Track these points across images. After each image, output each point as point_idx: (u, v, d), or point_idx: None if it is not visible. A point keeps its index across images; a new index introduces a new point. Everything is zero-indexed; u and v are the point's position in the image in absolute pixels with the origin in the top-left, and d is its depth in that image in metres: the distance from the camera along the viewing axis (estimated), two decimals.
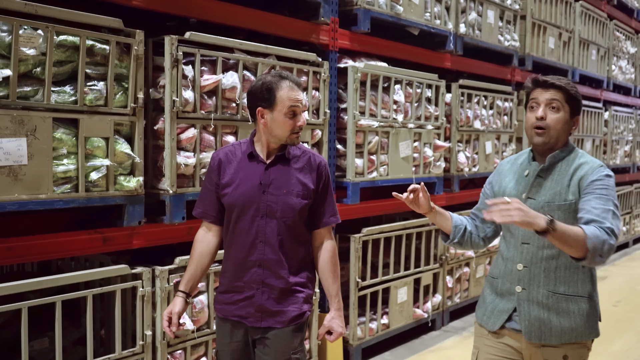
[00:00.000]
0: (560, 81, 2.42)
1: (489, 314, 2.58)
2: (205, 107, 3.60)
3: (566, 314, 2.43)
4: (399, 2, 5.06)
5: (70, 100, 3.03)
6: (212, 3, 3.77)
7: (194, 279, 2.71)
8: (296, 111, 2.57)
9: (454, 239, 2.63)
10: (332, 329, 2.70)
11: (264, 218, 2.59)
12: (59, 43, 2.95)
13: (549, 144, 2.43)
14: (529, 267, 2.46)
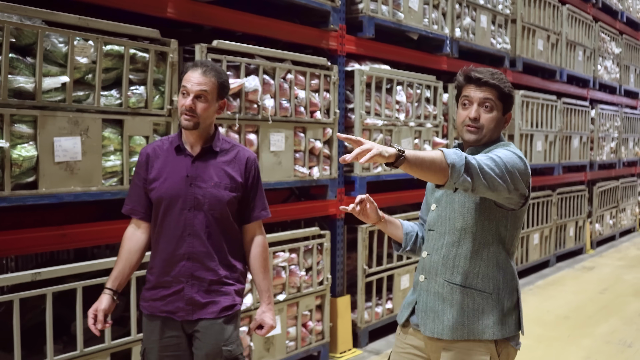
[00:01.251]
0: (493, 78, 2.29)
1: (401, 307, 2.52)
2: (230, 108, 3.98)
3: (459, 307, 2.30)
4: (400, 9, 5.45)
5: (116, 103, 3.39)
6: (234, 14, 4.14)
7: (121, 276, 2.66)
8: (185, 91, 2.55)
9: (406, 247, 2.56)
10: (263, 322, 2.69)
11: (191, 211, 2.58)
12: (106, 52, 3.31)
13: (481, 141, 2.34)
14: (431, 255, 2.39)
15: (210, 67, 2.61)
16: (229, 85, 2.68)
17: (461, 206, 2.33)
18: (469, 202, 2.31)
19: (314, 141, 4.64)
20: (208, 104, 2.57)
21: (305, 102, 4.53)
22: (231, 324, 2.64)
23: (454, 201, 2.34)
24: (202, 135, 2.62)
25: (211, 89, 2.57)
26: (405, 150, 1.94)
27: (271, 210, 4.43)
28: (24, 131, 3.02)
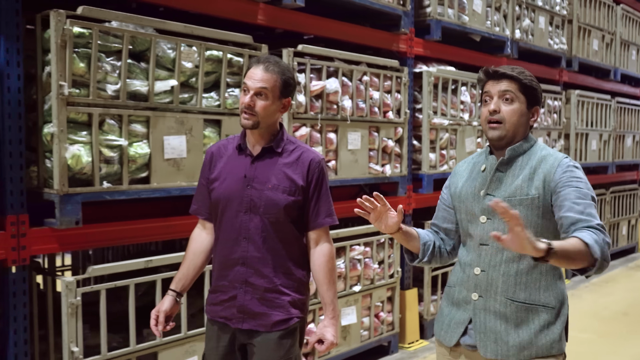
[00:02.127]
0: (512, 71, 2.21)
1: (445, 327, 2.33)
2: (313, 108, 4.22)
3: (525, 326, 2.18)
4: (465, 12, 5.63)
5: (215, 104, 3.65)
6: (315, 19, 4.38)
7: (185, 278, 2.59)
8: (246, 88, 2.43)
9: (423, 257, 2.38)
10: (323, 337, 2.47)
11: (247, 213, 2.45)
12: (207, 57, 3.58)
13: (506, 138, 2.21)
14: (487, 272, 2.22)
15: (274, 62, 2.45)
16: (294, 83, 2.51)
17: (523, 220, 2.06)
18: (531, 216, 2.17)
19: (387, 140, 4.85)
20: (269, 102, 2.40)
21: (379, 102, 4.74)
22: (287, 339, 2.46)
23: None
24: (263, 135, 2.48)
25: (272, 87, 2.41)
26: (552, 244, 1.85)
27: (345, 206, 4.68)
28: (139, 130, 3.30)
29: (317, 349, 2.50)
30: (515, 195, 2.18)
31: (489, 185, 2.25)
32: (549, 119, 7.09)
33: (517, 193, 2.18)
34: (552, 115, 7.15)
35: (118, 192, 3.22)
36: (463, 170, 2.40)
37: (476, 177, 2.30)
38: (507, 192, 2.20)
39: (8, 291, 2.94)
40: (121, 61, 3.19)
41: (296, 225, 2.50)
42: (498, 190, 2.22)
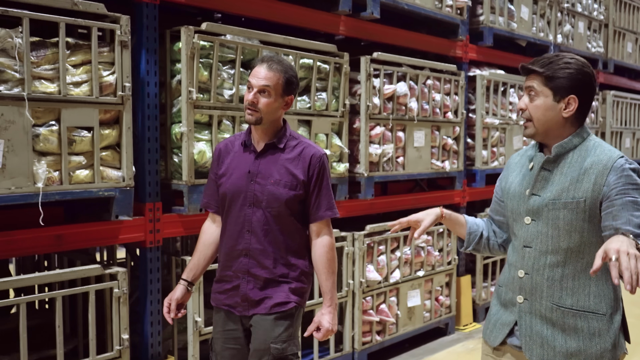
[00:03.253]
0: (537, 63, 2.12)
1: (491, 327, 2.30)
2: (386, 110, 4.67)
3: (573, 332, 2.09)
4: (514, 19, 6.06)
5: (306, 106, 4.12)
6: (386, 29, 4.83)
7: (196, 268, 2.71)
8: (250, 86, 2.53)
9: (468, 246, 2.39)
10: (320, 324, 2.59)
11: (251, 207, 2.55)
12: (300, 65, 4.04)
13: (537, 135, 2.14)
14: (531, 275, 2.15)
15: (277, 61, 2.55)
16: (296, 82, 2.60)
17: (567, 224, 2.08)
18: (576, 220, 2.07)
19: (446, 138, 5.30)
20: (271, 99, 2.50)
21: (440, 104, 5.19)
22: (283, 321, 2.56)
23: (559, 218, 2.09)
24: (267, 131, 2.58)
25: (275, 84, 2.50)
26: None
27: (404, 199, 5.12)
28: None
29: (314, 336, 2.61)
30: (560, 197, 2.08)
31: (534, 185, 2.15)
32: (588, 118, 7.49)
33: (562, 195, 2.07)
34: (590, 114, 7.55)
35: None
36: (515, 163, 2.32)
37: (525, 174, 2.22)
38: (553, 194, 2.10)
39: (146, 268, 3.42)
40: (234, 69, 3.67)
41: (298, 218, 2.60)
42: (544, 191, 2.12)
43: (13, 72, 2.78)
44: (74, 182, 3.01)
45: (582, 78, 2.07)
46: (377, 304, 4.71)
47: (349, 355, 4.50)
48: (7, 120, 2.74)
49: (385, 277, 4.74)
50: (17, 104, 2.77)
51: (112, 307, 3.18)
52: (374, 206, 4.72)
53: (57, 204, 3.27)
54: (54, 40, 2.95)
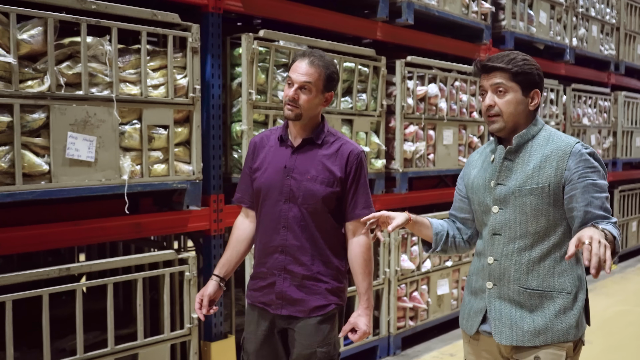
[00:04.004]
0: (500, 61, 2.17)
1: (466, 316, 2.36)
2: (418, 110, 5.00)
3: (540, 312, 2.18)
4: (533, 24, 6.38)
5: (348, 107, 4.44)
6: (418, 34, 5.16)
7: (229, 264, 2.67)
8: (290, 82, 2.49)
9: (437, 247, 2.39)
10: (356, 326, 2.52)
11: (286, 203, 2.51)
12: (343, 68, 4.37)
13: (506, 129, 2.20)
14: (499, 261, 2.22)
15: (318, 57, 2.51)
16: (337, 78, 2.56)
17: (534, 209, 2.17)
18: (542, 205, 2.17)
19: (472, 136, 5.62)
20: (312, 95, 2.47)
21: (466, 104, 5.52)
22: (326, 325, 2.52)
23: (526, 204, 2.18)
24: (305, 127, 2.54)
25: (316, 81, 2.47)
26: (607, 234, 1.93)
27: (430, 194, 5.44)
28: None
29: (350, 338, 2.54)
30: (526, 184, 2.17)
31: (499, 175, 2.23)
32: (600, 118, 7.82)
33: (527, 182, 2.17)
34: (602, 114, 7.88)
35: None
36: (475, 160, 2.40)
37: (487, 167, 2.29)
38: (518, 182, 2.18)
39: (210, 254, 3.75)
40: (287, 72, 3.99)
41: (334, 215, 2.55)
42: (508, 180, 2.21)
43: (103, 75, 3.10)
44: (153, 175, 3.33)
45: (540, 74, 2.22)
46: (410, 292, 5.03)
47: (385, 338, 4.82)
48: (99, 119, 3.07)
49: (417, 267, 5.05)
50: (107, 105, 3.10)
51: (184, 288, 3.50)
52: (407, 200, 5.04)
53: (130, 196, 3.60)
54: (135, 47, 3.27)
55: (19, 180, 2.81)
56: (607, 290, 6.97)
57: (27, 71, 2.86)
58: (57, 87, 2.92)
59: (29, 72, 2.87)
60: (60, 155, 2.94)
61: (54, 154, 2.92)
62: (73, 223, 3.12)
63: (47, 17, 2.87)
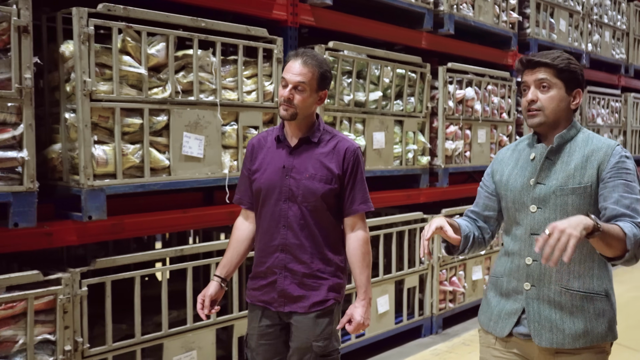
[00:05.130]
0: (546, 57, 2.17)
1: (495, 318, 2.31)
2: (457, 111, 5.51)
3: (580, 314, 2.17)
4: (554, 31, 6.90)
5: (399, 109, 4.94)
6: (456, 42, 5.67)
7: (229, 264, 2.71)
8: (285, 82, 2.50)
9: (464, 249, 2.35)
10: (352, 317, 2.58)
11: (286, 202, 2.54)
12: (396, 74, 4.86)
13: (546, 124, 2.19)
14: (540, 261, 2.15)
15: (311, 56, 2.52)
16: (330, 76, 2.59)
17: (576, 209, 2.15)
18: (584, 205, 2.15)
19: (502, 135, 6.14)
20: (306, 94, 2.49)
21: (497, 106, 6.03)
22: (324, 319, 2.57)
23: (567, 203, 2.16)
24: (301, 126, 2.57)
25: (310, 80, 2.49)
26: (599, 222, 1.91)
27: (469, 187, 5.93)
28: (359, 128, 4.60)
29: (347, 329, 2.60)
30: (567, 184, 2.16)
31: (539, 174, 2.21)
32: (612, 118, 8.35)
33: (569, 182, 2.16)
34: (613, 114, 8.41)
35: None
36: (508, 157, 2.37)
37: (525, 165, 2.27)
38: (559, 181, 2.17)
39: None
40: (351, 79, 4.49)
41: (333, 212, 2.59)
42: (548, 179, 2.19)
43: (209, 83, 3.59)
44: None
45: (582, 74, 2.22)
46: (450, 277, 5.54)
47: (428, 318, 5.33)
48: (207, 121, 3.55)
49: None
50: (212, 109, 3.58)
51: None
52: (447, 193, 5.55)
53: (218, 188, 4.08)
54: (231, 58, 3.76)
55: (147, 173, 3.30)
56: (620, 279, 7.49)
57: (153, 80, 3.34)
58: (175, 93, 3.40)
59: (154, 81, 3.35)
60: (177, 152, 3.43)
61: (172, 151, 3.41)
62: (182, 211, 3.61)
63: (168, 34, 3.36)
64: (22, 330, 2.84)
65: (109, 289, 3.21)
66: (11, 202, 2.79)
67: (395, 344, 5.04)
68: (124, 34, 3.18)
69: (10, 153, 2.79)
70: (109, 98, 3.12)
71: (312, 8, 4.28)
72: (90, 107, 3.05)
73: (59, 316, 2.96)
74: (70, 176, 3.13)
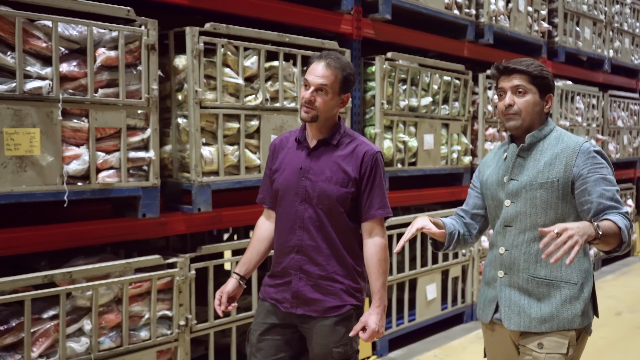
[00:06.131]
0: (521, 64, 2.32)
1: (482, 306, 2.47)
2: (495, 115, 5.95)
3: (547, 300, 2.29)
4: (580, 39, 7.35)
5: (446, 113, 5.39)
6: (492, 50, 6.11)
7: (249, 263, 2.72)
8: (307, 84, 2.51)
9: (449, 246, 2.47)
10: (367, 324, 2.51)
11: (302, 203, 2.54)
12: (443, 81, 5.31)
13: (522, 127, 2.32)
14: (510, 251, 2.34)
15: (335, 58, 2.52)
16: (353, 80, 2.58)
17: (544, 202, 2.30)
18: (552, 198, 2.29)
19: None
20: (328, 97, 2.49)
21: None
22: (342, 325, 2.55)
23: (536, 197, 2.30)
24: (321, 128, 2.57)
25: (332, 83, 2.49)
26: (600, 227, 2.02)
27: None
28: (412, 131, 5.04)
29: (360, 337, 2.54)
30: (537, 179, 2.29)
31: (511, 171, 2.36)
32: (631, 120, 8.79)
33: (538, 177, 2.29)
34: (632, 117, 8.85)
35: (400, 171, 4.95)
36: (490, 159, 2.53)
37: (500, 165, 2.42)
38: (529, 177, 2.31)
39: None
40: (405, 86, 4.94)
41: (350, 216, 2.56)
42: (520, 175, 2.34)
43: (291, 91, 4.04)
44: None
45: (553, 81, 2.39)
46: None
47: (469, 306, 5.77)
48: (289, 125, 4.00)
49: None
50: (293, 114, 4.03)
51: None
52: None
53: None
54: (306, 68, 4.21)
55: (243, 171, 3.75)
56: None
57: (247, 89, 3.79)
58: (265, 101, 3.85)
59: (248, 90, 3.80)
60: (266, 152, 3.88)
61: (262, 152, 3.86)
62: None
63: (260, 48, 3.81)
64: (147, 306, 3.30)
65: (212, 272, 3.66)
66: (140, 196, 3.24)
67: (441, 328, 5.49)
68: (225, 48, 3.63)
69: (139, 153, 3.25)
70: (214, 105, 3.57)
71: (373, 22, 4.73)
72: (200, 113, 3.50)
73: (175, 295, 3.41)
74: (179, 174, 3.59)
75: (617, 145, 8.44)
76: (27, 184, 2.83)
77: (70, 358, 3.00)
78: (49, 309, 2.99)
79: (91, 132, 3.03)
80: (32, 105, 2.83)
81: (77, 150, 3.01)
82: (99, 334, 3.09)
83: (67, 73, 2.96)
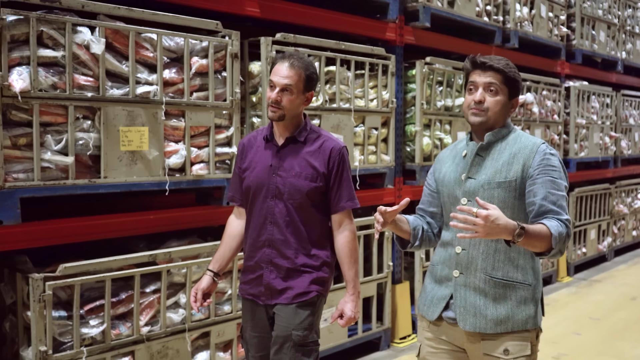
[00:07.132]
0: (499, 63, 2.29)
1: (428, 303, 2.43)
2: (520, 113, 6.40)
3: (503, 301, 2.27)
4: (596, 42, 7.79)
5: None
6: (518, 54, 6.54)
7: (222, 259, 2.80)
8: (272, 84, 2.58)
9: (415, 242, 2.46)
10: (343, 312, 2.65)
11: (273, 199, 2.62)
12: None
13: (487, 124, 2.30)
14: (468, 250, 2.31)
15: (297, 59, 2.60)
16: (316, 78, 2.68)
17: (501, 202, 2.26)
18: (509, 198, 2.27)
19: (553, 134, 7.02)
20: (294, 96, 2.58)
21: (550, 109, 6.91)
22: (305, 310, 2.64)
23: (493, 196, 2.27)
24: (288, 126, 2.65)
25: (297, 82, 2.57)
26: (524, 230, 2.02)
27: None
28: (447, 129, 5.49)
29: (338, 323, 2.69)
30: (494, 178, 2.27)
31: (469, 169, 2.33)
32: None
33: (496, 177, 2.27)
34: None
35: None
36: (446, 156, 2.50)
37: (459, 162, 2.39)
38: (487, 176, 2.29)
39: None
40: (442, 87, 5.39)
41: (319, 209, 2.68)
42: (478, 174, 2.31)
43: (345, 93, 4.49)
44: (368, 163, 4.72)
45: (522, 86, 2.66)
46: None
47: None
48: (344, 124, 4.45)
49: None
50: (347, 114, 4.48)
51: (383, 245, 4.89)
52: None
53: None
54: (359, 72, 4.65)
55: None
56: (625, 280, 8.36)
57: None
58: (324, 102, 4.30)
59: None
60: None
61: None
62: None
63: (320, 55, 4.25)
64: (229, 284, 3.74)
65: None
66: (225, 186, 3.69)
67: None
68: None
69: (224, 149, 3.70)
70: None
71: (413, 29, 5.17)
72: None
73: None
74: None
75: (629, 142, 8.89)
76: (137, 175, 3.28)
77: (169, 327, 3.45)
78: (150, 284, 3.44)
79: (187, 130, 3.48)
80: (142, 107, 3.28)
81: (176, 146, 3.46)
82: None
83: (169, 79, 3.40)
